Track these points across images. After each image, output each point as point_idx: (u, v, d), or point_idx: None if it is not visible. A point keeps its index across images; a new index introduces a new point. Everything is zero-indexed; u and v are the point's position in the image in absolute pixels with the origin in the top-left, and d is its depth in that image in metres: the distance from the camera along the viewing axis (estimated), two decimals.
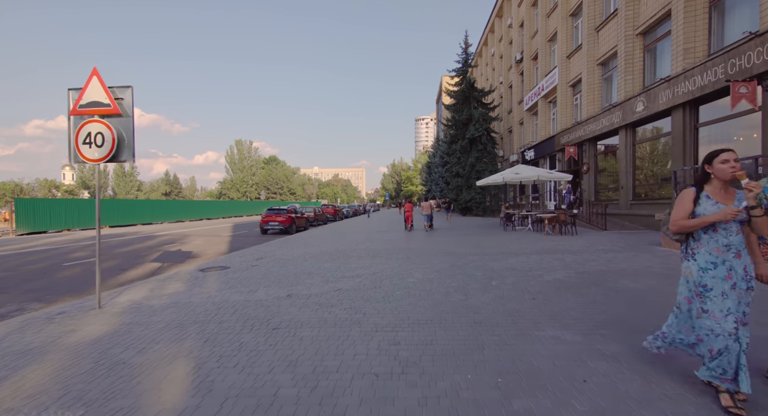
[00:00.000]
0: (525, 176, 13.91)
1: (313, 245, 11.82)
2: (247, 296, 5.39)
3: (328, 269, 7.40)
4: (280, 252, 10.19)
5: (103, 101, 5.11)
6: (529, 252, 8.82)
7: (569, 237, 11.72)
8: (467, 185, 28.20)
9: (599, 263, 7.17)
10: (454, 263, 7.59)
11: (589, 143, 16.92)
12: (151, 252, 11.73)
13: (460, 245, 10.69)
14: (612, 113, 14.46)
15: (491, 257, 8.18)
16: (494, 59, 35.86)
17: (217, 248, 12.72)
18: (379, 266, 7.52)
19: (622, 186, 14.12)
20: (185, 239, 15.62)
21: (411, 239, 12.89)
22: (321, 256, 9.23)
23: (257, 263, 8.46)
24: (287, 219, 17.55)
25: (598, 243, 10.08)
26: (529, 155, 24.32)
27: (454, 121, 28.77)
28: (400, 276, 6.49)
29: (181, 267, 8.64)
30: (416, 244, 11.23)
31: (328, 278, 6.47)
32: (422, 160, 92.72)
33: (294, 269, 7.51)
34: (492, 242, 11.21)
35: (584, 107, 17.04)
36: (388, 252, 9.58)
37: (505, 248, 9.75)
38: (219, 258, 9.47)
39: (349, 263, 8.08)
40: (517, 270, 6.68)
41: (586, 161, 17.11)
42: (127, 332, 4.02)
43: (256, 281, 6.46)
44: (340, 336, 3.69)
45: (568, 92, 19.44)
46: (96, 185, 5.11)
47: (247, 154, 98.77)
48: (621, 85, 14.00)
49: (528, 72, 25.67)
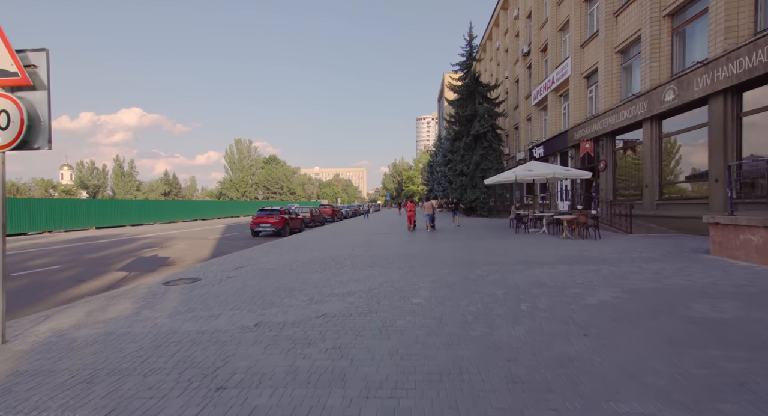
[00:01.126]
0: (539, 173, 12.63)
1: (305, 250, 10.57)
2: (203, 325, 4.13)
3: (315, 283, 6.13)
4: (266, 259, 8.93)
5: (8, 69, 3.86)
6: (553, 261, 7.53)
7: (593, 242, 10.42)
8: (472, 184, 26.91)
9: (647, 277, 5.87)
10: (467, 276, 6.32)
11: (606, 137, 15.61)
12: (124, 258, 10.49)
13: (469, 251, 9.42)
14: (635, 103, 13.15)
15: (510, 268, 6.90)
16: (499, 54, 34.53)
17: (198, 253, 11.47)
18: (377, 279, 6.25)
19: (647, 184, 12.81)
20: (168, 243, 14.38)
21: (414, 242, 11.62)
22: (311, 264, 7.97)
23: (234, 273, 7.21)
24: (280, 221, 16.30)
25: (630, 250, 8.79)
26: (538, 152, 23.00)
27: (458, 117, 27.47)
28: (402, 294, 5.22)
29: (146, 278, 7.40)
30: (420, 249, 9.96)
31: (313, 297, 5.20)
32: (423, 159, 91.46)
33: (275, 282, 6.25)
34: (506, 247, 9.92)
35: (601, 99, 15.73)
36: (388, 260, 8.32)
37: (524, 255, 8.46)
38: (193, 267, 8.22)
39: (342, 274, 6.81)
40: (547, 287, 5.40)
41: (603, 157, 15.80)
42: (5, 391, 2.76)
43: (223, 300, 5.20)
44: (313, 407, 2.42)
45: (581, 84, 18.12)
46: (0, 179, 3.84)
47: (246, 153, 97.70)
48: (645, 73, 12.68)
49: (536, 65, 24.35)
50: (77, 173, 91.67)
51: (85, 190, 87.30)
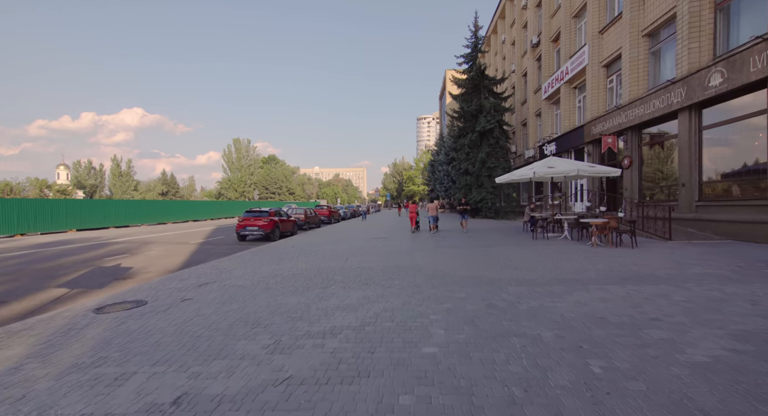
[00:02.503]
0: (561, 170, 11.05)
1: (291, 259, 9.01)
2: (93, 401, 2.57)
3: (290, 311, 4.57)
4: (240, 272, 7.38)
5: None
6: (597, 279, 5.95)
7: (630, 251, 8.84)
8: (477, 184, 25.32)
9: (746, 309, 4.29)
10: (492, 302, 4.75)
11: (631, 131, 14.02)
12: (77, 269, 8.93)
13: (486, 262, 7.84)
14: (669, 91, 11.56)
15: (546, 290, 5.33)
16: (505, 47, 32.93)
17: (168, 262, 9.91)
18: (373, 307, 4.69)
19: (683, 183, 11.22)
20: (141, 249, 12.82)
21: (418, 250, 10.05)
22: (292, 280, 6.41)
23: (193, 294, 5.65)
24: (269, 223, 14.72)
25: (684, 262, 7.20)
26: (549, 149, 21.40)
27: (463, 112, 25.86)
28: (406, 336, 3.66)
29: (82, 300, 5.85)
30: (426, 259, 8.38)
31: (280, 340, 3.64)
32: (424, 159, 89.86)
33: (237, 310, 4.69)
34: (529, 257, 8.34)
35: (625, 88, 14.14)
36: (387, 274, 6.75)
37: (555, 269, 6.88)
38: (149, 284, 6.65)
39: (328, 297, 5.25)
40: (611, 325, 3.83)
41: (627, 153, 14.21)
42: None
43: (154, 343, 3.64)
44: None
45: (600, 74, 16.53)
46: None
47: (245, 153, 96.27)
48: (683, 56, 11.10)
49: (547, 56, 22.76)
50: (74, 172, 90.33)
51: (82, 190, 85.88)
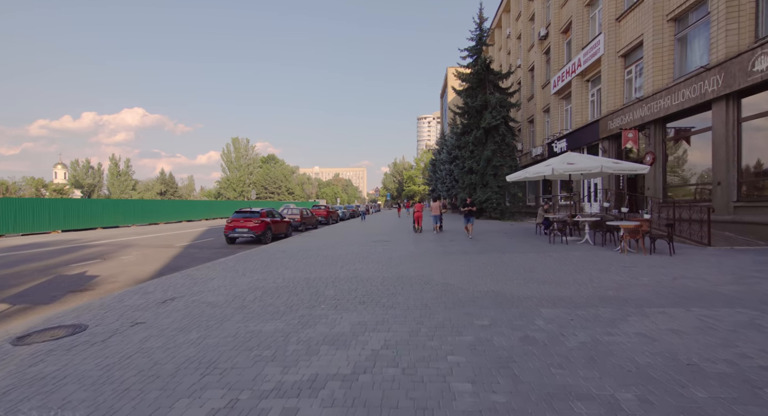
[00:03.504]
0: (582, 166, 9.91)
1: (279, 266, 7.88)
2: None
3: (258, 348, 3.44)
4: (216, 284, 6.25)
5: None
6: (653, 300, 4.81)
7: (668, 259, 7.70)
8: (482, 183, 24.16)
9: None
10: (528, 334, 3.62)
11: (655, 125, 12.87)
12: (36, 277, 7.80)
13: (506, 273, 6.70)
14: (702, 79, 10.41)
15: (591, 315, 4.19)
16: (510, 41, 31.76)
17: (141, 269, 8.77)
18: (371, 341, 3.55)
19: (719, 182, 10.08)
20: (118, 253, 11.68)
21: (423, 255, 8.91)
22: (274, 296, 5.28)
23: (149, 316, 4.52)
24: (260, 225, 13.57)
25: (746, 275, 6.06)
26: (559, 146, 20.25)
27: (467, 107, 24.69)
28: (418, 398, 2.52)
29: (13, 323, 4.75)
30: (433, 268, 7.24)
31: (232, 406, 2.51)
32: (425, 158, 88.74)
33: (192, 346, 3.56)
34: (554, 267, 7.20)
35: (648, 78, 12.99)
36: (389, 288, 5.62)
37: (592, 284, 5.74)
38: (102, 300, 5.51)
39: (313, 322, 4.12)
40: (714, 381, 2.69)
41: (649, 149, 13.06)
42: None
43: (61, 399, 2.50)
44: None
45: (617, 65, 15.38)
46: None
47: (244, 152, 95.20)
48: (719, 39, 9.95)
49: (556, 48, 21.61)
50: (71, 171, 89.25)
51: (80, 189, 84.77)
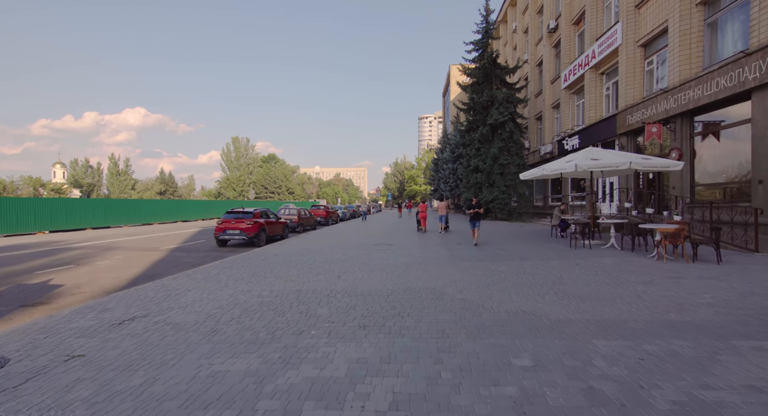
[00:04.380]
0: (608, 162, 8.90)
1: (268, 274, 6.88)
2: None
3: (218, 406, 2.41)
4: (190, 298, 5.25)
5: None
6: (734, 328, 3.81)
7: (717, 268, 6.68)
8: (489, 182, 23.14)
9: None
10: (592, 384, 2.61)
11: (681, 118, 11.84)
12: None
13: (532, 286, 5.68)
14: (741, 65, 9.37)
15: (668, 352, 3.18)
16: (516, 36, 30.72)
17: (114, 277, 7.77)
18: (374, 395, 2.54)
19: (761, 180, 9.05)
20: (96, 257, 10.69)
21: (432, 261, 7.90)
22: (254, 316, 4.27)
23: (92, 346, 3.52)
24: (253, 226, 12.57)
25: None
26: (571, 143, 19.21)
27: (473, 103, 23.65)
28: None
29: None
30: (446, 278, 6.23)
31: None
32: (426, 158, 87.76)
33: (127, 400, 2.53)
34: (587, 278, 6.18)
35: (673, 68, 11.96)
36: (396, 307, 4.61)
37: (643, 302, 4.73)
38: (48, 319, 4.52)
39: (297, 360, 3.10)
40: None
41: (675, 144, 12.03)
42: None
43: None
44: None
45: (636, 55, 14.35)
46: None
47: (244, 152, 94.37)
48: (761, 21, 8.92)
49: (567, 41, 20.57)
50: (71, 171, 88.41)
51: (79, 189, 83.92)
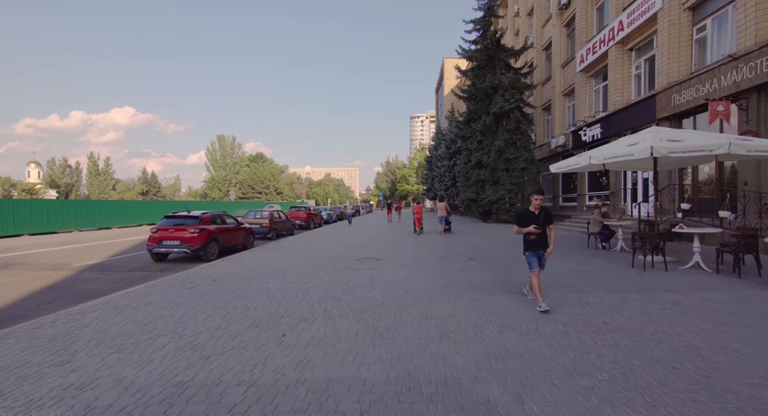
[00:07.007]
0: (697, 144, 6.05)
1: (159, 333, 3.89)
2: None
3: None
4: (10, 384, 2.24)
5: None
6: None
7: None
8: (493, 180, 20.35)
9: None
10: None
11: (757, 92, 9.18)
12: None
13: (637, 368, 2.82)
14: None
15: None
16: (518, 20, 28.06)
17: None
18: None
19: None
20: None
21: (440, 290, 5.04)
22: None
23: None
24: (199, 235, 9.51)
25: None
26: (590, 133, 16.54)
27: (474, 89, 20.85)
28: None
29: None
30: (472, 348, 3.36)
31: None
32: (419, 157, 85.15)
33: None
34: (727, 344, 3.34)
35: (743, 29, 9.30)
36: None
37: None
38: None
39: None
40: None
41: (748, 127, 9.36)
42: None
43: None
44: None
45: (683, 20, 11.69)
46: None
47: (230, 151, 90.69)
48: None
49: (583, 16, 17.90)
50: (47, 170, 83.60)
51: (56, 189, 79.23)
